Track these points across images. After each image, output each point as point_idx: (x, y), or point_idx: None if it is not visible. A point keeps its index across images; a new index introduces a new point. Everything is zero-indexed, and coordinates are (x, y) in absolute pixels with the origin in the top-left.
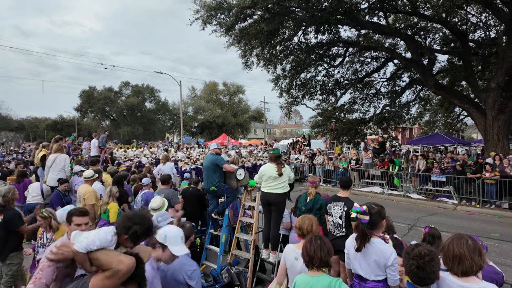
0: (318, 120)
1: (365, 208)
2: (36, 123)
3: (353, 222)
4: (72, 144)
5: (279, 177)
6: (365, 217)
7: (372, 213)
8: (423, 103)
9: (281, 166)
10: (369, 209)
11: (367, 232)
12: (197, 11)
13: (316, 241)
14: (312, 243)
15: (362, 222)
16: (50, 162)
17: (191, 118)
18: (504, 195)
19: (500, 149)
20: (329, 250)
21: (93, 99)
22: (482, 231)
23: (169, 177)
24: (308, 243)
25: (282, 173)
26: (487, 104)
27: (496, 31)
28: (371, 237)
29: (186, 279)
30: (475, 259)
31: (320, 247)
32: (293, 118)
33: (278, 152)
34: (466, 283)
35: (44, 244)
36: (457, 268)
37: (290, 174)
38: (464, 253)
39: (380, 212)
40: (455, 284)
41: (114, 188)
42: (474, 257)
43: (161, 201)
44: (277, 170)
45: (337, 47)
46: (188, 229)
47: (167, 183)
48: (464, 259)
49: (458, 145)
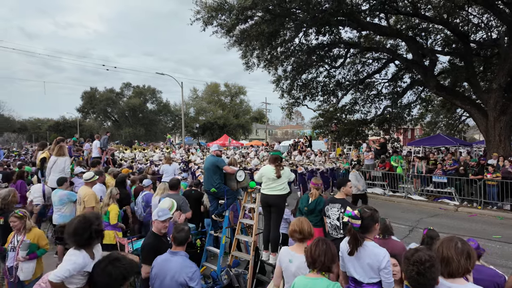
0: (319, 121)
1: (357, 212)
2: (39, 124)
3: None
4: (73, 145)
5: (277, 179)
6: (357, 222)
7: (364, 217)
8: (425, 104)
9: (279, 168)
10: (361, 213)
11: (359, 236)
12: (197, 11)
13: (323, 245)
14: (318, 246)
15: (353, 227)
16: (51, 163)
17: (193, 119)
18: (506, 196)
19: (502, 150)
20: (333, 256)
21: (95, 100)
22: (484, 232)
23: (178, 182)
24: (314, 245)
25: (280, 175)
26: (488, 105)
27: (497, 32)
28: (363, 241)
29: (187, 280)
30: (462, 262)
31: (325, 252)
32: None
33: (278, 154)
34: (453, 284)
35: (15, 247)
36: (444, 269)
37: (290, 176)
38: (452, 255)
39: (372, 216)
40: (442, 285)
41: (114, 189)
42: (461, 259)
43: (170, 203)
44: (276, 172)
45: (338, 48)
46: (186, 231)
47: (176, 188)
48: (451, 262)
49: (460, 146)
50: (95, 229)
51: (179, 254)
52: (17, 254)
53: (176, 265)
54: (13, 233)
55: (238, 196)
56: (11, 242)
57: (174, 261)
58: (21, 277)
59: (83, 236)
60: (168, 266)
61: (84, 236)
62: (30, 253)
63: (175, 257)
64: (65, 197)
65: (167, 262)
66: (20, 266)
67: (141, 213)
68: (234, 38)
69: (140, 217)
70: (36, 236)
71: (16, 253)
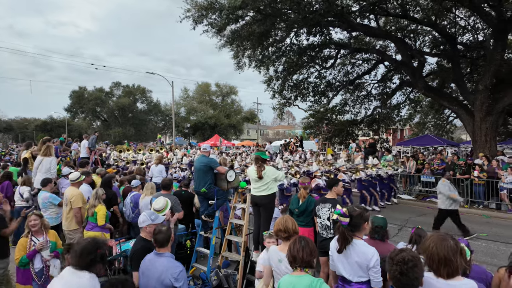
0: (310, 121)
1: (345, 210)
2: (25, 123)
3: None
4: (60, 145)
5: (259, 179)
6: (345, 219)
7: (353, 216)
8: (413, 104)
9: (261, 169)
10: (349, 211)
11: (347, 234)
12: (188, 10)
13: (300, 242)
14: (296, 243)
15: (342, 224)
16: (37, 163)
17: (184, 119)
18: (491, 195)
19: (488, 150)
20: (312, 251)
21: (84, 100)
22: (470, 231)
23: (171, 182)
24: (292, 243)
25: (262, 176)
26: (475, 106)
27: (484, 34)
28: (352, 239)
29: (173, 281)
30: (459, 261)
31: (303, 248)
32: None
33: (259, 154)
34: (452, 282)
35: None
36: (443, 270)
37: (275, 176)
38: (450, 256)
39: (361, 215)
40: (441, 284)
41: (100, 190)
42: (457, 258)
43: (164, 202)
44: (257, 173)
45: (329, 49)
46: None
47: (168, 188)
48: (450, 263)
49: (447, 146)
50: (101, 254)
51: (164, 256)
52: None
53: (161, 267)
54: (27, 237)
55: (229, 197)
56: (33, 245)
57: (159, 263)
58: (55, 274)
59: (87, 258)
60: (153, 269)
61: (88, 258)
62: (53, 251)
63: (161, 258)
64: (47, 201)
65: (152, 263)
66: (52, 263)
67: (129, 214)
68: (225, 38)
69: (128, 218)
70: (54, 235)
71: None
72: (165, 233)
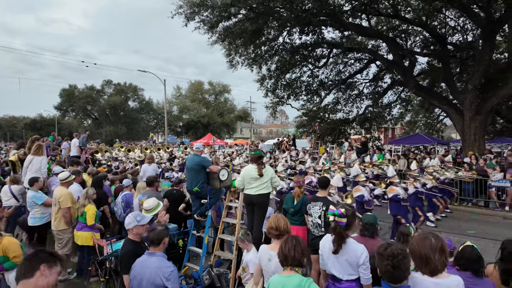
0: (303, 120)
1: (343, 210)
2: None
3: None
4: (50, 144)
5: (260, 177)
6: (343, 220)
7: (348, 215)
8: (404, 104)
9: (261, 166)
10: (346, 211)
11: (344, 234)
12: (180, 6)
13: (292, 241)
14: (288, 242)
15: (339, 225)
16: (27, 163)
17: (176, 117)
18: (480, 193)
19: (476, 149)
20: (303, 250)
21: (74, 98)
22: (459, 228)
23: (155, 179)
24: (284, 242)
25: (262, 174)
26: (464, 105)
27: (473, 35)
28: (347, 239)
29: (164, 281)
30: (440, 259)
31: (294, 247)
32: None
33: (259, 153)
34: (437, 279)
35: None
36: (425, 268)
37: (273, 177)
38: (429, 254)
39: (354, 213)
40: (427, 282)
41: (90, 189)
42: (438, 256)
43: (155, 203)
44: (258, 171)
45: (321, 48)
46: (158, 230)
47: (153, 185)
48: (430, 261)
49: (438, 145)
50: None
51: (155, 255)
52: None
53: (152, 266)
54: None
55: (221, 195)
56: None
57: (150, 263)
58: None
59: None
60: (145, 268)
61: None
62: None
63: (152, 258)
64: (31, 200)
65: (144, 263)
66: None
67: (121, 214)
68: (217, 34)
69: (120, 218)
70: (3, 247)
71: None
72: (157, 232)
